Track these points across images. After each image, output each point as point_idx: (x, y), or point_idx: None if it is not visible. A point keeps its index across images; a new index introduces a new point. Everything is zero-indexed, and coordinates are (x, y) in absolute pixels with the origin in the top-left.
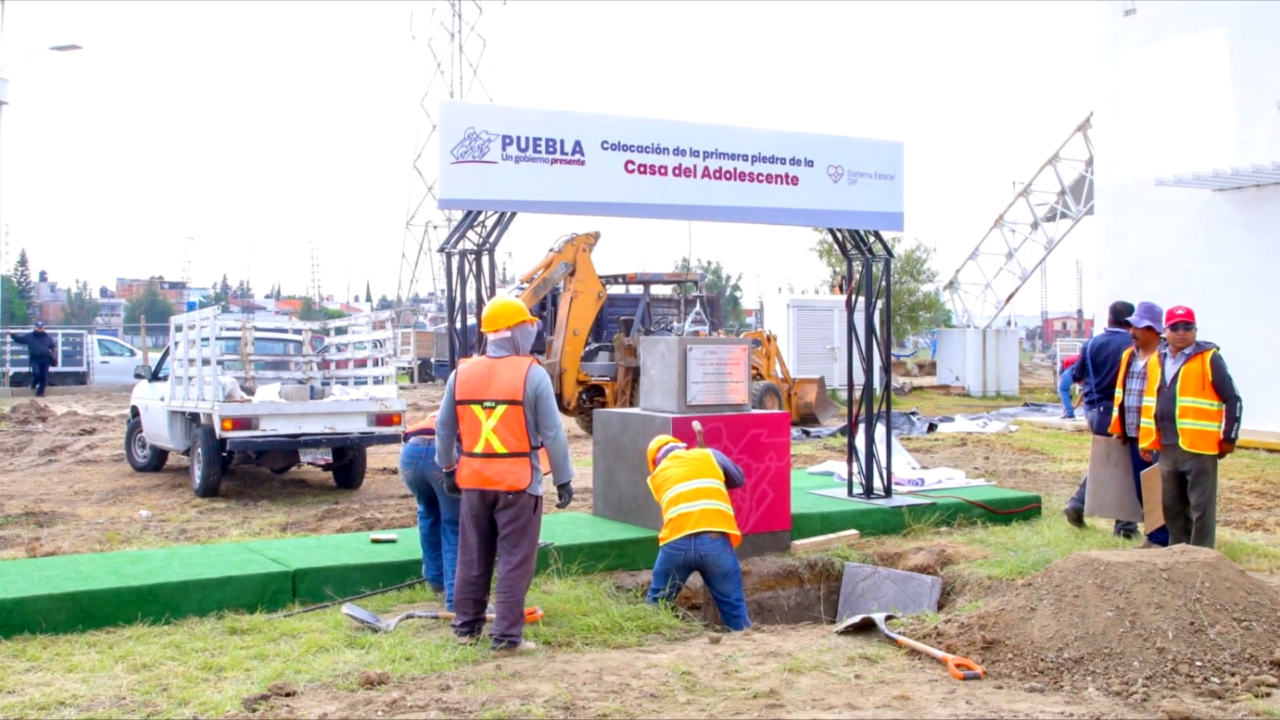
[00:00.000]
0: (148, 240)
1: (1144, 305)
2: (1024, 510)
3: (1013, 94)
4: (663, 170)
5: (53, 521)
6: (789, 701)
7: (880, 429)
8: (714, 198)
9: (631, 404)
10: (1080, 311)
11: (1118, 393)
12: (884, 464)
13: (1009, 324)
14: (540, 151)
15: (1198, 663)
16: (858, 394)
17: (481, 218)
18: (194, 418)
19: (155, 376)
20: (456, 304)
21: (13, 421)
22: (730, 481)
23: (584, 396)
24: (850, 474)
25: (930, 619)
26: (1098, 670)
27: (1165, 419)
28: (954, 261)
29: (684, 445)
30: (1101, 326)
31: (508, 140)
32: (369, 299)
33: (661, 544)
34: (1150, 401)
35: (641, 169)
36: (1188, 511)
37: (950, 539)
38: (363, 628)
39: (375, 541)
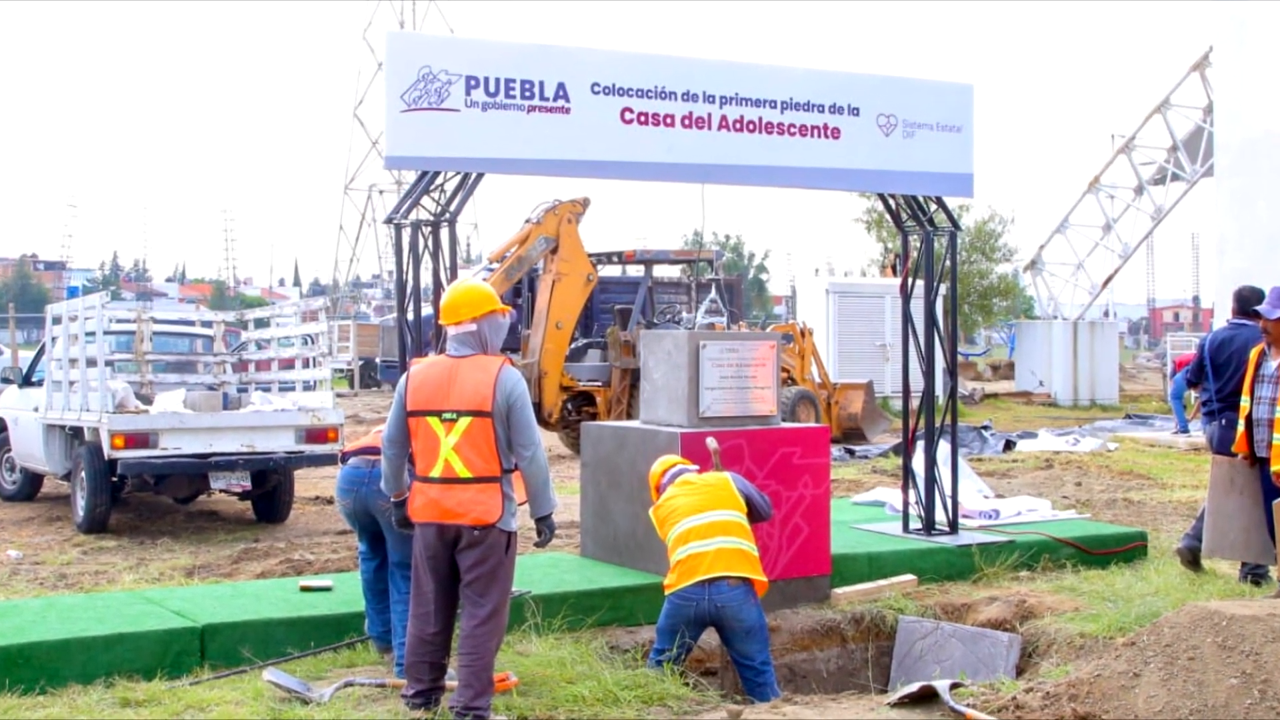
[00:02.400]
0: (17, 210)
1: (1277, 291)
2: (1125, 550)
3: (1111, 25)
4: (669, 120)
5: None
6: None
7: (944, 448)
8: (734, 155)
9: (630, 416)
10: (1196, 299)
11: (1244, 401)
12: (948, 492)
13: (1106, 314)
14: (514, 96)
15: None
16: (915, 403)
17: (440, 180)
18: (76, 433)
19: (27, 381)
20: (408, 289)
21: None
22: (755, 514)
23: (569, 406)
24: (906, 504)
25: (1008, 687)
26: None
27: None
28: (1036, 236)
29: (696, 468)
30: (1223, 318)
31: (473, 82)
32: (298, 283)
33: (667, 592)
34: None
35: (642, 119)
36: None
37: (1032, 586)
38: (290, 698)
39: (305, 590)
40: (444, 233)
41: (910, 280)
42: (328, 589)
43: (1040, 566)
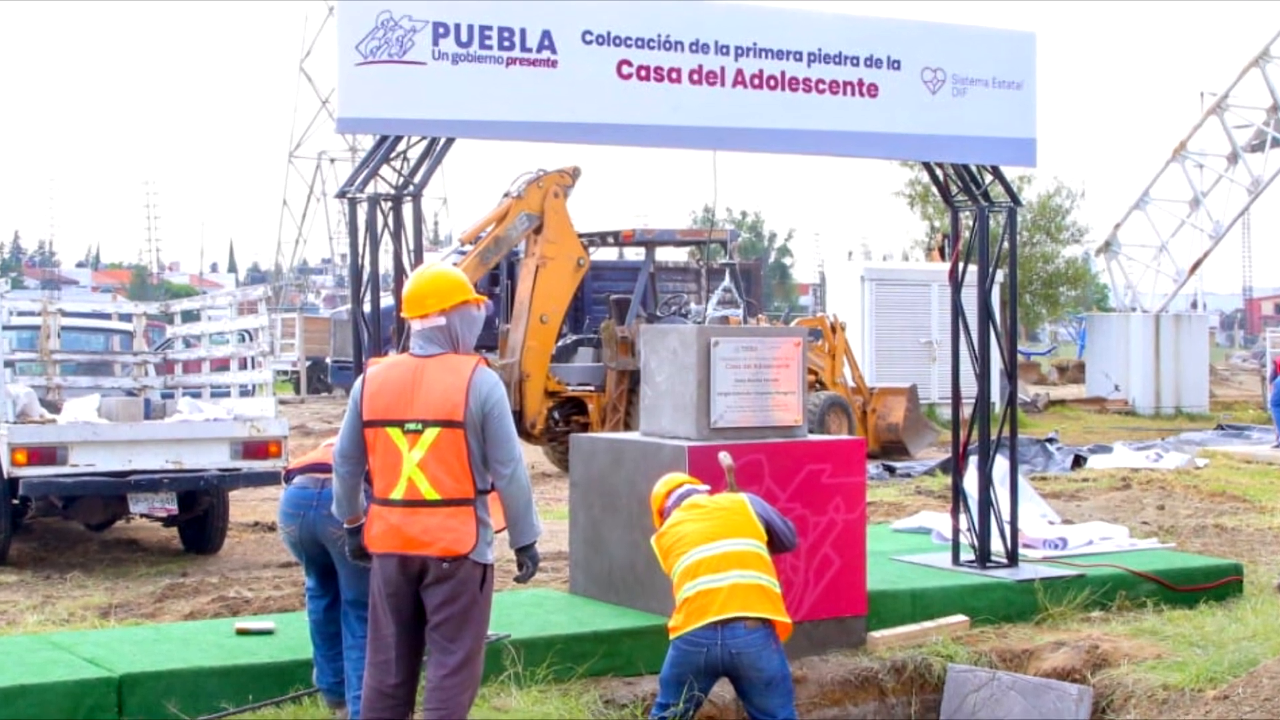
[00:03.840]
0: None
1: None
2: (1217, 586)
3: None
4: (674, 75)
5: None
6: None
7: (1001, 464)
8: (751, 116)
9: (628, 426)
10: None
11: None
12: (1006, 517)
13: (1194, 306)
14: (490, 46)
15: None
16: (967, 411)
17: (402, 146)
18: None
19: None
20: (365, 276)
21: None
22: (777, 543)
23: (556, 415)
24: (956, 532)
25: None
26: None
27: None
28: (1111, 213)
29: (707, 489)
30: None
31: (441, 30)
32: (233, 269)
33: (673, 636)
34: None
35: (643, 73)
36: None
37: (1106, 629)
38: None
39: (242, 633)
40: (407, 209)
41: (961, 265)
42: (269, 632)
43: (1116, 605)
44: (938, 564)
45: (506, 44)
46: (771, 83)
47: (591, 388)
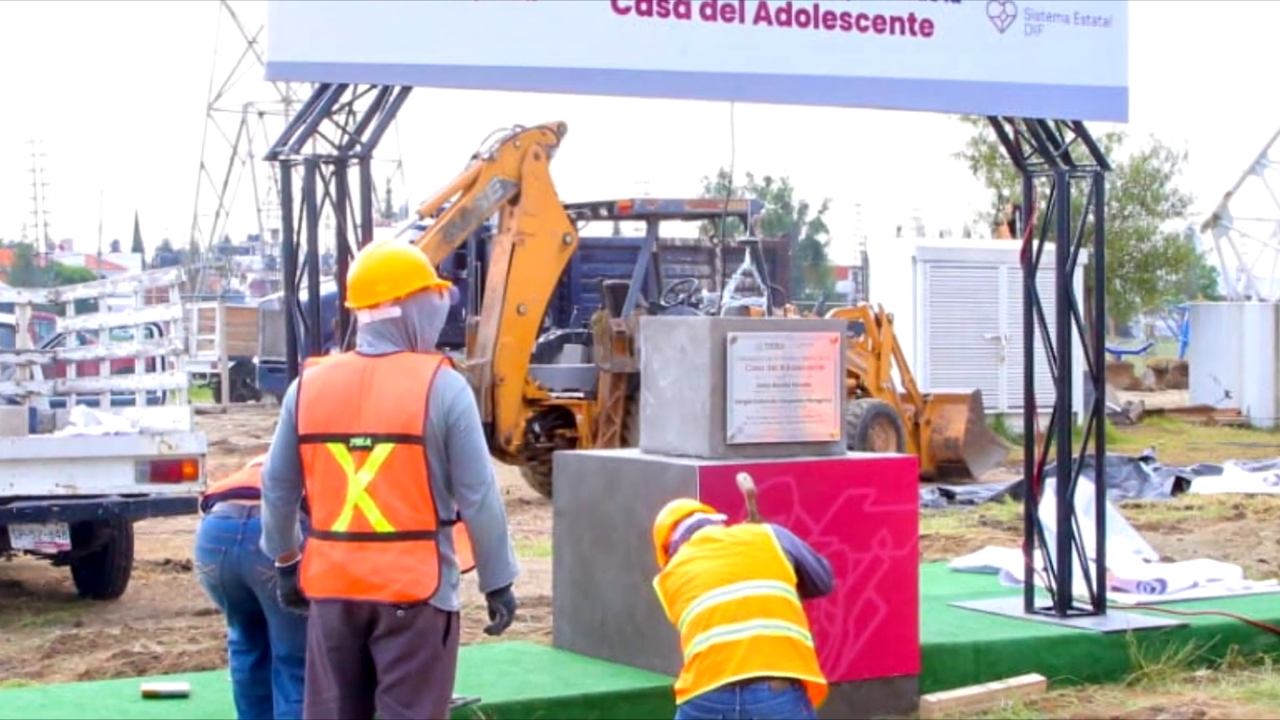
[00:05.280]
0: None
1: None
2: None
3: None
4: (683, 9)
5: None
6: None
7: (1085, 489)
8: (777, 60)
9: (625, 442)
10: None
11: None
12: (1091, 554)
13: None
14: None
15: None
16: (1043, 424)
17: (347, 97)
18: None
19: None
20: (301, 257)
21: None
22: (809, 586)
23: (537, 428)
24: (1029, 572)
25: None
26: None
27: None
28: (1221, 179)
29: (723, 518)
30: None
31: None
32: (139, 248)
33: (681, 700)
34: None
35: (644, 7)
36: None
37: (1215, 691)
38: None
39: (150, 696)
40: (353, 173)
41: (1036, 243)
42: (182, 695)
43: (1226, 662)
44: (1007, 611)
45: None
46: (802, 19)
47: (580, 394)
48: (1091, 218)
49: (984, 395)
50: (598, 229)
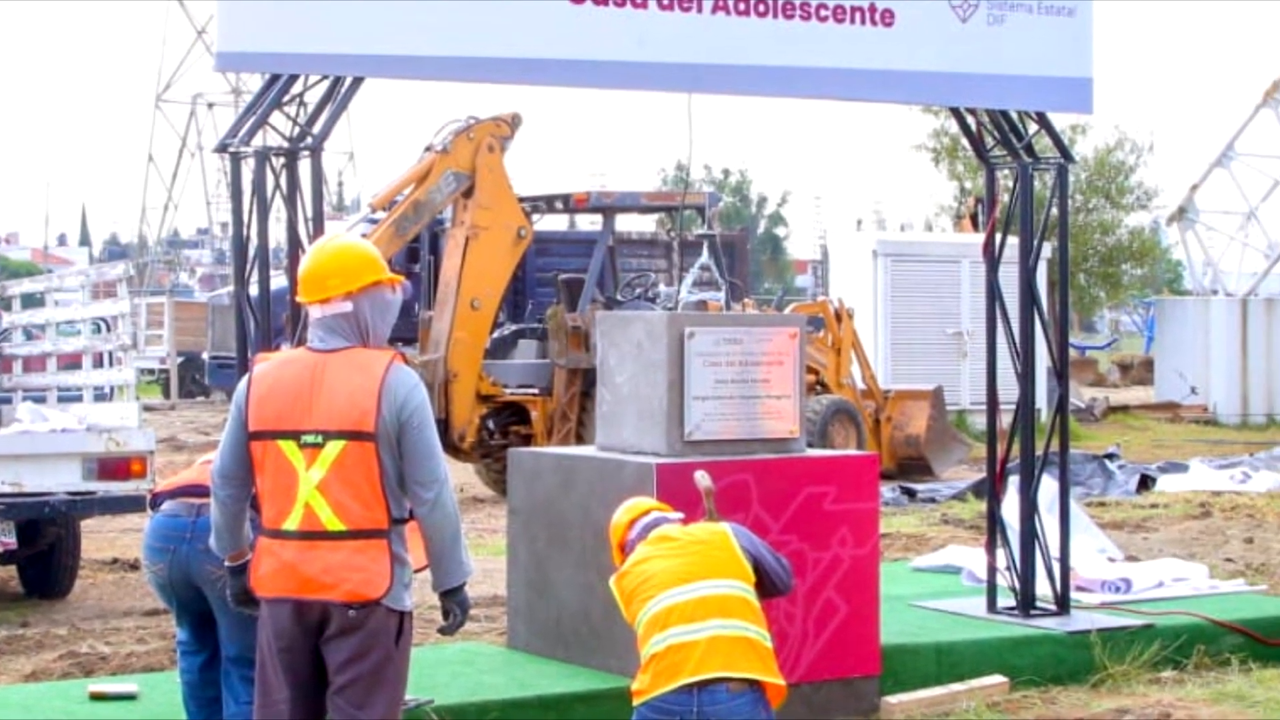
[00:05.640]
0: None
1: None
2: None
3: None
4: None
5: None
6: None
7: (1049, 487)
8: (735, 50)
9: (581, 439)
10: None
11: None
12: (1055, 553)
13: None
14: None
15: None
16: (1006, 421)
17: (298, 88)
18: None
19: None
20: (251, 250)
21: None
22: (768, 585)
23: (491, 425)
24: (992, 571)
25: None
26: None
27: None
28: (1187, 172)
29: (680, 517)
30: None
31: None
32: (86, 241)
33: (637, 702)
34: None
35: None
36: None
37: (1180, 693)
38: None
39: (98, 697)
40: (304, 166)
41: (999, 237)
42: (130, 696)
43: (1193, 663)
44: (969, 611)
45: None
46: (760, 8)
47: (535, 390)
48: (1055, 211)
49: (946, 391)
50: (553, 222)
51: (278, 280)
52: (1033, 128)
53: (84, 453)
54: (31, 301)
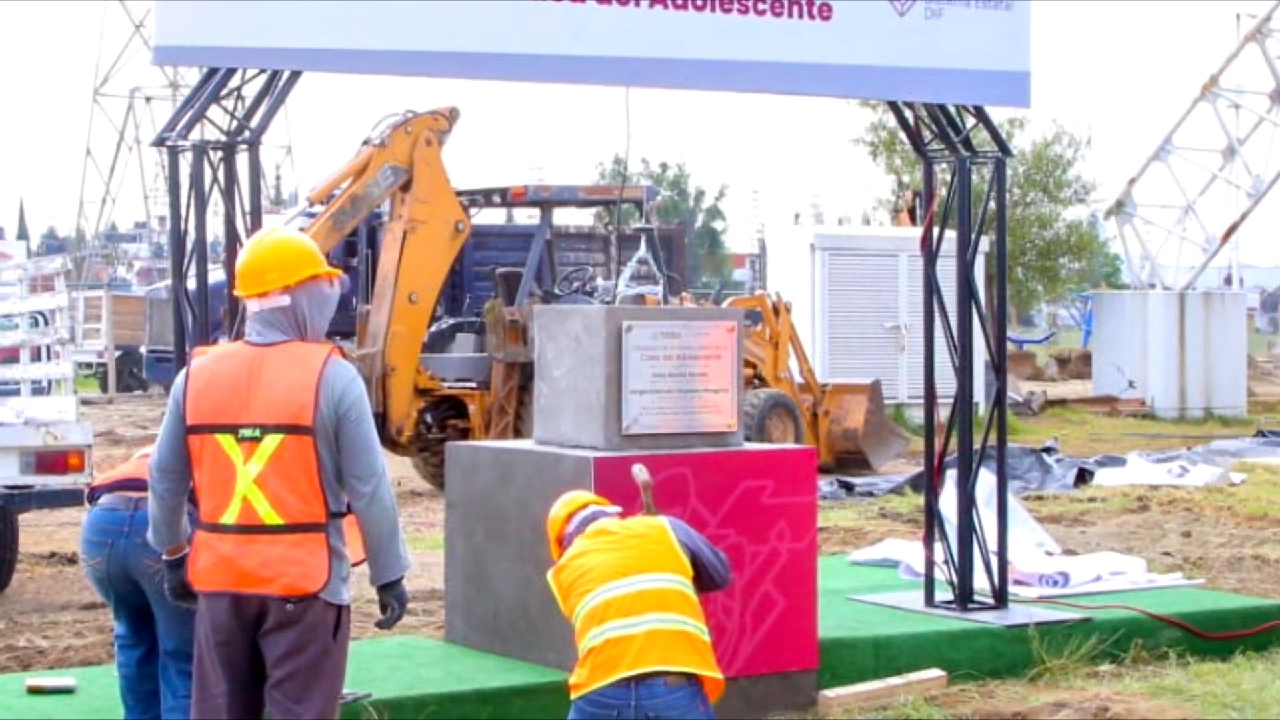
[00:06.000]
0: None
1: None
2: (1257, 632)
3: None
4: None
5: None
6: None
7: (987, 480)
8: (673, 44)
9: (519, 433)
10: None
11: None
12: (993, 547)
13: (1229, 282)
14: None
15: None
16: (944, 414)
17: (235, 81)
18: None
19: None
20: (189, 244)
21: None
22: (705, 579)
23: (429, 419)
24: (930, 565)
25: None
26: None
27: None
28: (1125, 165)
29: (618, 511)
30: None
31: None
32: (23, 235)
33: (575, 696)
34: None
35: None
36: None
37: (1118, 686)
38: None
39: (35, 691)
40: (242, 159)
41: (937, 230)
42: (68, 690)
43: (1130, 657)
44: (907, 605)
45: None
46: (698, 2)
47: (473, 384)
48: (993, 204)
49: (883, 385)
50: (491, 216)
51: (215, 274)
52: (970, 121)
53: (21, 447)
54: None
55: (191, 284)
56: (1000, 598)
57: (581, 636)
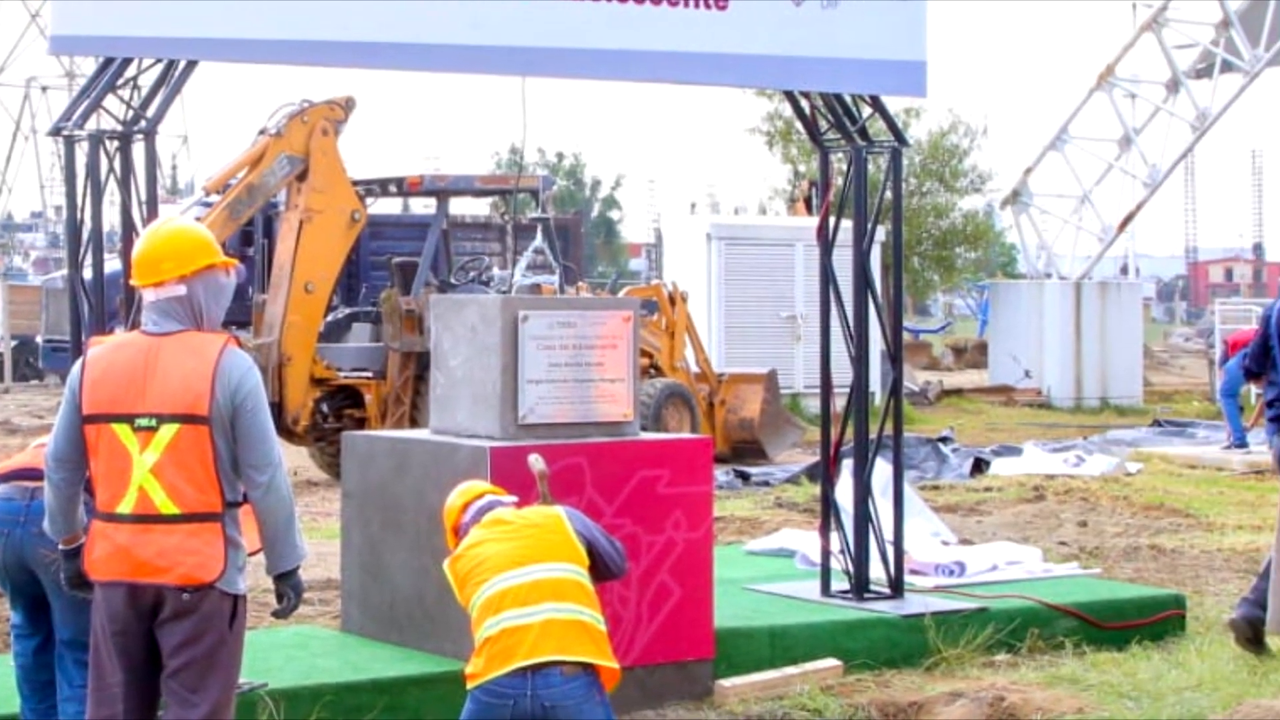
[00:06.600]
0: None
1: None
2: (1153, 622)
3: None
4: None
5: None
6: None
7: (883, 470)
8: (569, 34)
9: (415, 422)
10: (1259, 248)
11: None
12: (889, 536)
13: (1125, 272)
14: None
15: None
16: (840, 404)
17: (132, 71)
18: None
19: None
20: (85, 234)
21: None
22: (601, 569)
23: (325, 408)
24: (826, 555)
25: None
26: None
27: None
28: (1021, 155)
29: (514, 500)
30: None
31: None
32: None
33: (471, 685)
34: None
35: None
36: None
37: (1014, 676)
38: None
39: None
40: (138, 149)
41: (833, 220)
42: None
43: (1026, 646)
44: (803, 595)
45: None
46: None
47: (369, 374)
48: (889, 194)
49: (780, 375)
50: (387, 206)
51: (112, 264)
52: (867, 111)
53: None
54: None
55: (88, 274)
56: (896, 587)
57: (478, 626)
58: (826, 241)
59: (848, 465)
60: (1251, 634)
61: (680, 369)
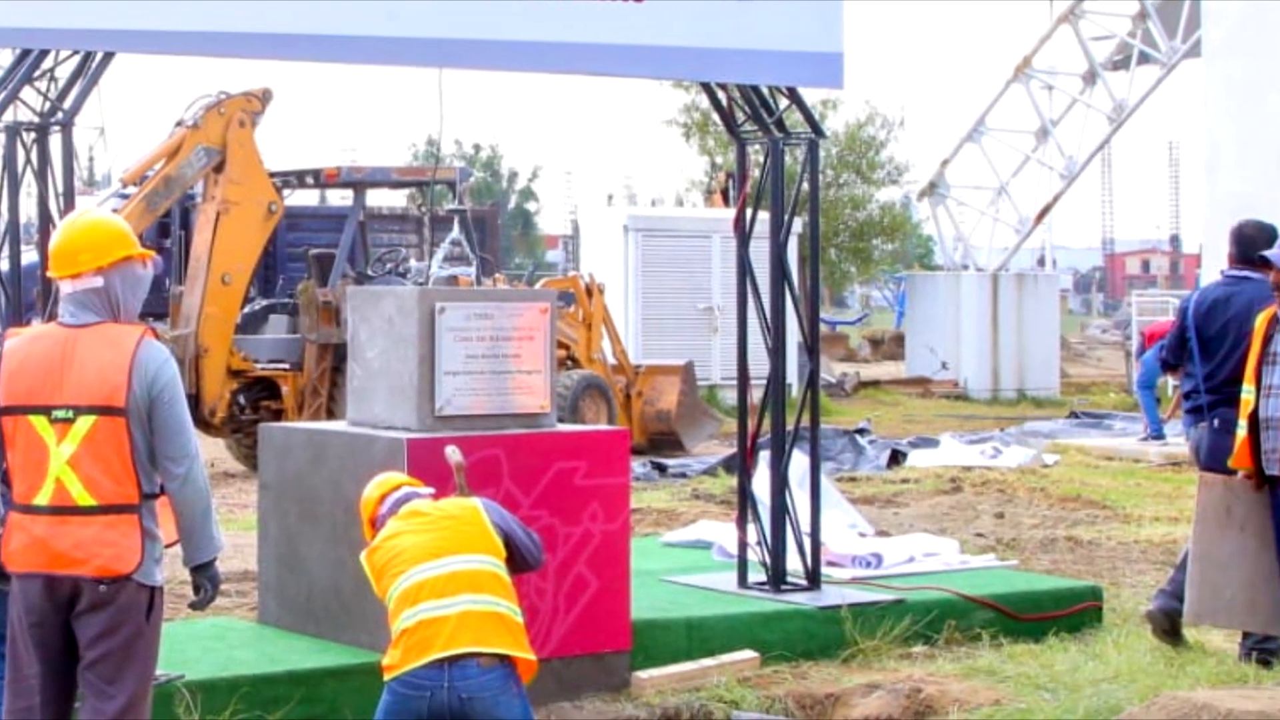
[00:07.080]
0: None
1: None
2: (1070, 614)
3: None
4: None
5: None
6: None
7: (800, 462)
8: (485, 26)
9: (332, 414)
10: (1176, 240)
11: (1246, 392)
12: (806, 528)
13: (1042, 263)
14: None
15: None
16: (757, 396)
17: (48, 63)
18: None
19: None
20: (1, 225)
21: None
22: (519, 561)
23: (242, 400)
24: (743, 546)
25: None
26: None
27: None
28: (937, 146)
29: (431, 492)
30: (1216, 268)
31: None
32: None
33: (388, 677)
34: None
35: None
36: None
37: (931, 668)
38: None
39: None
40: (55, 140)
41: (750, 212)
42: None
43: (943, 638)
44: (720, 586)
45: None
46: None
47: (286, 365)
48: (806, 186)
49: (697, 366)
50: (304, 197)
51: (29, 255)
52: (783, 103)
53: None
54: None
55: (4, 265)
56: (813, 579)
57: (395, 618)
58: (743, 233)
59: (765, 457)
60: (1169, 625)
61: (597, 360)
